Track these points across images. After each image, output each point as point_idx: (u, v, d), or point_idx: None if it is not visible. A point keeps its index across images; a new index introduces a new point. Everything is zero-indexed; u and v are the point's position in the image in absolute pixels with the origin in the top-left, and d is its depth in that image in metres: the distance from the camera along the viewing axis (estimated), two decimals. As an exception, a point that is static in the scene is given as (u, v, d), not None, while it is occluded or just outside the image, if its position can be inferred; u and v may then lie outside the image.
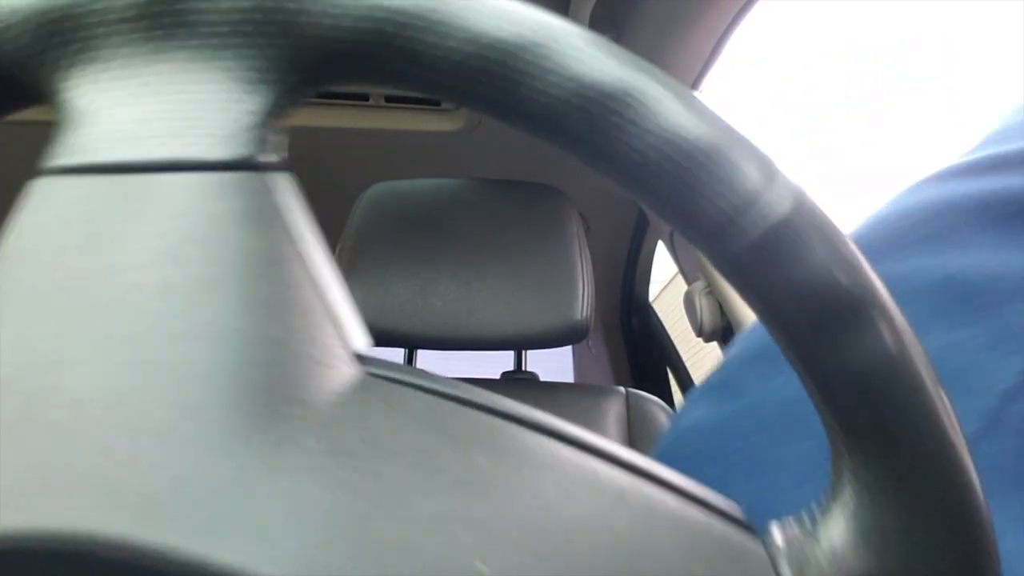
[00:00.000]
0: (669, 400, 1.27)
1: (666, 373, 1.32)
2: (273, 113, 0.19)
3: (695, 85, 0.90)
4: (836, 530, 0.20)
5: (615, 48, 0.19)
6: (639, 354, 1.33)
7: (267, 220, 0.19)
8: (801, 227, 0.18)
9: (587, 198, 1.13)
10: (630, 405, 0.91)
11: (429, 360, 0.71)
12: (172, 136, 0.18)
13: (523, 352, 1.04)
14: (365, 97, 0.95)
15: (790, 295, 0.18)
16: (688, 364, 1.31)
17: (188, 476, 0.15)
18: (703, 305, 1.05)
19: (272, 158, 0.19)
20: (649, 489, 0.20)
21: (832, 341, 0.18)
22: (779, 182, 0.19)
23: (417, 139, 0.66)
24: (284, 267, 0.18)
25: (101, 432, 0.15)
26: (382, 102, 0.97)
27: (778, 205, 0.18)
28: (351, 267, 0.81)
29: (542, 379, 1.01)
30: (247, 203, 0.18)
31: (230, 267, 0.18)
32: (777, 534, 0.20)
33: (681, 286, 1.17)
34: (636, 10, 0.84)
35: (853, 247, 0.19)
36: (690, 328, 1.11)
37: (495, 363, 1.18)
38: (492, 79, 0.18)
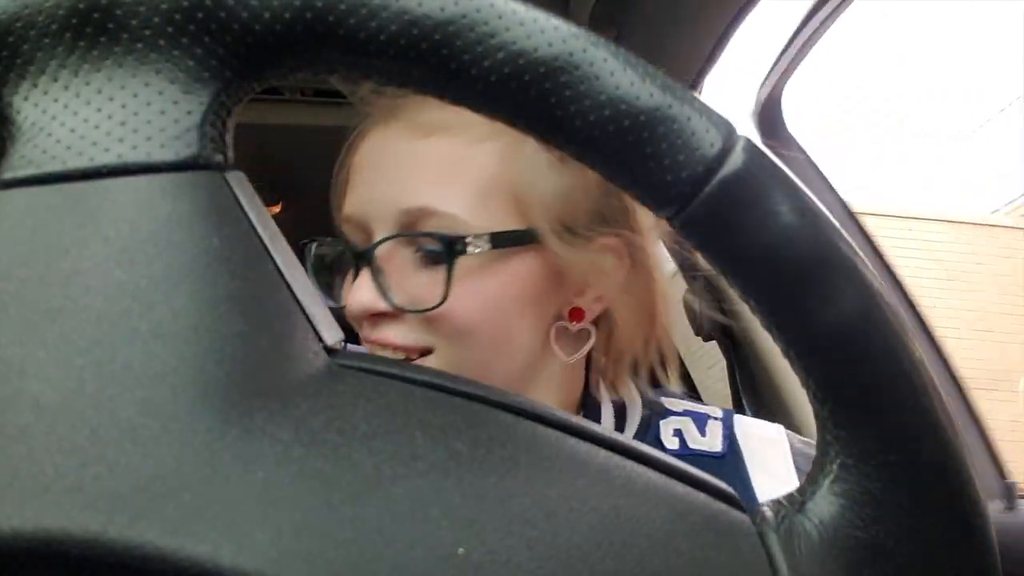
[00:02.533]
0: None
1: (666, 372, 1.32)
2: (213, 111, 0.19)
3: (695, 85, 0.89)
4: (824, 501, 0.20)
5: (555, 19, 0.18)
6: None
7: (221, 218, 0.19)
8: (757, 181, 0.18)
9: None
10: None
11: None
12: (114, 141, 0.18)
13: None
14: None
15: (753, 252, 0.19)
16: (689, 364, 1.31)
17: (156, 472, 0.15)
18: (702, 303, 1.05)
19: (218, 157, 0.19)
20: (631, 467, 0.20)
21: (802, 300, 0.19)
22: (733, 139, 0.19)
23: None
24: (244, 263, 0.18)
25: (66, 434, 0.15)
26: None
27: (732, 161, 0.18)
28: None
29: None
30: (196, 202, 0.18)
31: (186, 266, 0.18)
32: (765, 508, 0.20)
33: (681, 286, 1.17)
34: (636, 10, 0.84)
35: (816, 202, 0.19)
36: (689, 328, 1.11)
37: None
38: (424, 56, 0.18)
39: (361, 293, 0.45)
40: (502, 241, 0.46)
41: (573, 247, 0.48)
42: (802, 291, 0.19)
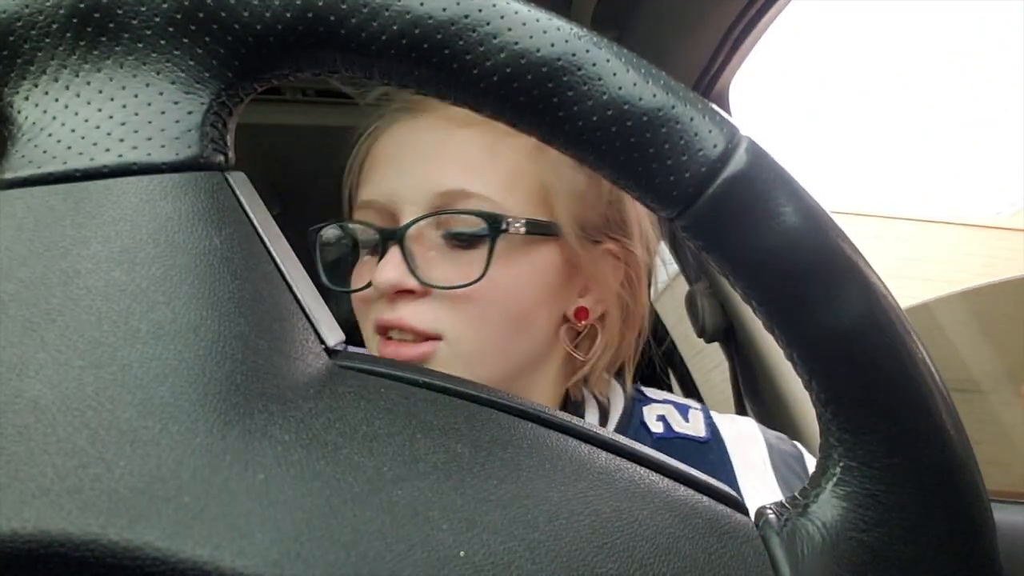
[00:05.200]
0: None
1: (668, 374, 1.31)
2: (214, 111, 0.19)
3: (698, 86, 0.89)
4: (827, 504, 0.20)
5: (558, 19, 0.18)
6: (641, 354, 1.33)
7: (221, 218, 0.19)
8: (760, 183, 0.18)
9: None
10: None
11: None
12: (115, 141, 0.18)
13: None
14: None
15: (755, 254, 0.18)
16: (689, 364, 1.31)
17: (156, 473, 0.15)
18: (705, 306, 1.05)
19: (219, 157, 0.19)
20: (634, 470, 0.20)
21: (804, 302, 0.18)
22: (736, 140, 0.19)
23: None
24: (245, 263, 0.18)
25: (66, 436, 0.15)
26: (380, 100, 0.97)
27: (735, 163, 0.18)
28: None
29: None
30: (197, 202, 0.18)
31: (186, 266, 0.18)
32: (769, 512, 0.20)
33: (683, 286, 1.17)
34: (638, 10, 0.84)
35: (818, 204, 0.19)
36: (691, 329, 1.11)
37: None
38: (426, 56, 0.18)
39: (389, 270, 0.46)
40: (535, 228, 0.48)
41: (584, 247, 0.50)
42: (805, 293, 0.18)
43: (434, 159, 0.48)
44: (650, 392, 0.59)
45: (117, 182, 0.18)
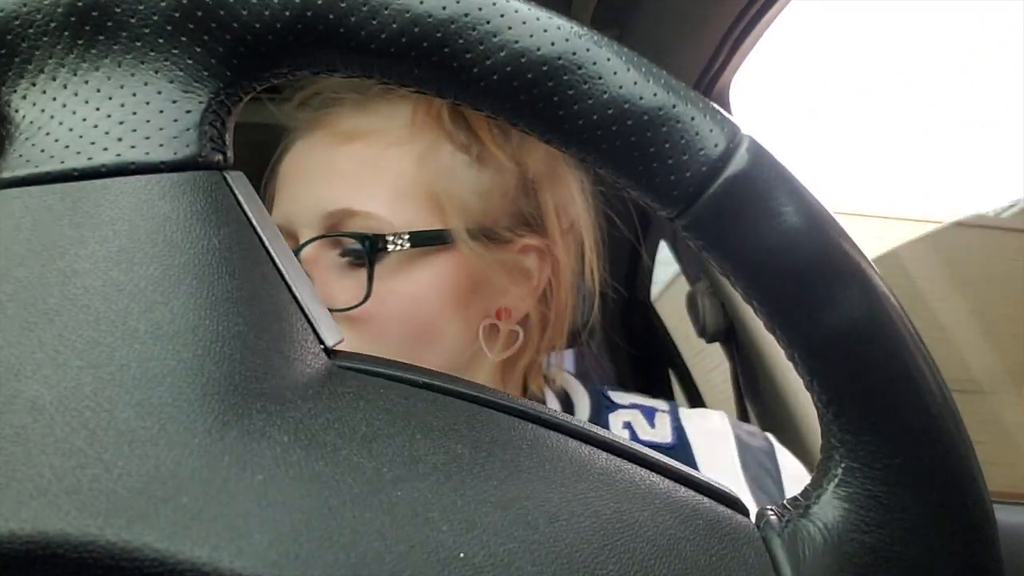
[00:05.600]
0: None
1: (668, 374, 1.31)
2: (213, 110, 0.19)
3: (699, 84, 0.89)
4: (829, 505, 0.20)
5: (558, 17, 0.18)
6: (641, 355, 1.33)
7: (220, 218, 0.19)
8: (761, 182, 0.18)
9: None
10: None
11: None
12: (113, 140, 0.18)
13: None
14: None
15: (756, 254, 0.18)
16: (690, 365, 1.30)
17: (154, 474, 0.15)
18: (706, 305, 1.05)
19: (217, 156, 0.19)
20: (634, 471, 0.20)
21: (806, 302, 0.18)
22: (738, 139, 0.18)
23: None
24: (244, 263, 0.18)
25: (63, 436, 0.15)
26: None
27: (736, 162, 0.18)
28: None
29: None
30: (196, 202, 0.18)
31: (185, 266, 0.17)
32: (770, 513, 0.20)
33: (683, 286, 1.17)
34: (639, 9, 0.84)
35: (820, 203, 0.19)
36: (692, 328, 1.11)
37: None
38: (426, 55, 0.18)
39: None
40: (421, 240, 0.47)
41: (490, 249, 0.49)
42: (806, 293, 0.18)
43: (321, 178, 0.48)
44: (617, 396, 0.58)
45: (115, 181, 0.18)
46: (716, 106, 0.19)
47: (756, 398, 0.99)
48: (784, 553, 0.19)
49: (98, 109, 0.18)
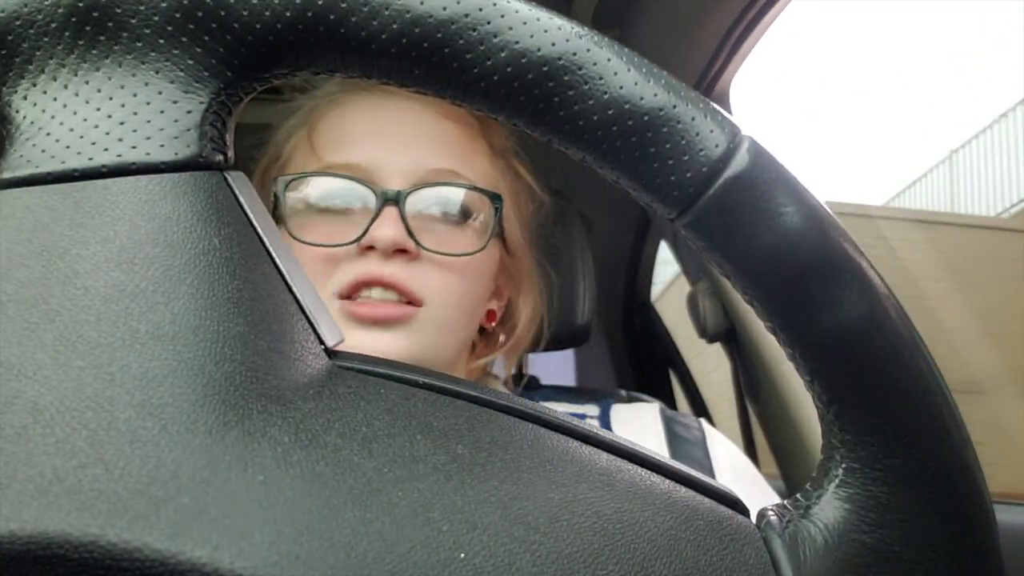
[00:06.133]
0: (671, 402, 1.27)
1: (668, 375, 1.31)
2: (214, 111, 0.19)
3: (699, 84, 0.89)
4: (829, 506, 0.20)
5: (559, 18, 0.18)
6: (641, 355, 1.33)
7: (221, 218, 0.19)
8: (762, 183, 0.18)
9: (588, 197, 1.12)
10: None
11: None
12: (113, 141, 0.18)
13: (524, 355, 1.04)
14: None
15: (757, 254, 0.18)
16: (690, 365, 1.30)
17: (155, 474, 0.15)
18: (706, 306, 1.05)
19: (218, 157, 0.19)
20: (635, 471, 0.20)
21: (806, 302, 0.18)
22: (738, 140, 0.18)
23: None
24: (244, 263, 0.18)
25: (65, 436, 0.15)
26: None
27: (737, 162, 0.18)
28: None
29: (543, 383, 1.00)
30: (196, 202, 0.18)
31: (185, 266, 0.17)
32: (770, 513, 0.20)
33: (683, 286, 1.17)
34: (639, 10, 0.84)
35: (821, 204, 0.19)
36: (692, 329, 1.11)
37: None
38: (426, 55, 0.18)
39: (389, 228, 0.47)
40: (500, 221, 0.52)
41: (508, 255, 0.56)
42: (807, 293, 0.18)
43: (423, 139, 0.51)
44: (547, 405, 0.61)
45: (116, 182, 0.18)
46: (717, 106, 0.19)
47: (756, 398, 0.99)
48: (785, 553, 0.19)
49: (99, 109, 0.18)
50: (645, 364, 1.35)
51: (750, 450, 1.06)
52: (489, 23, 0.18)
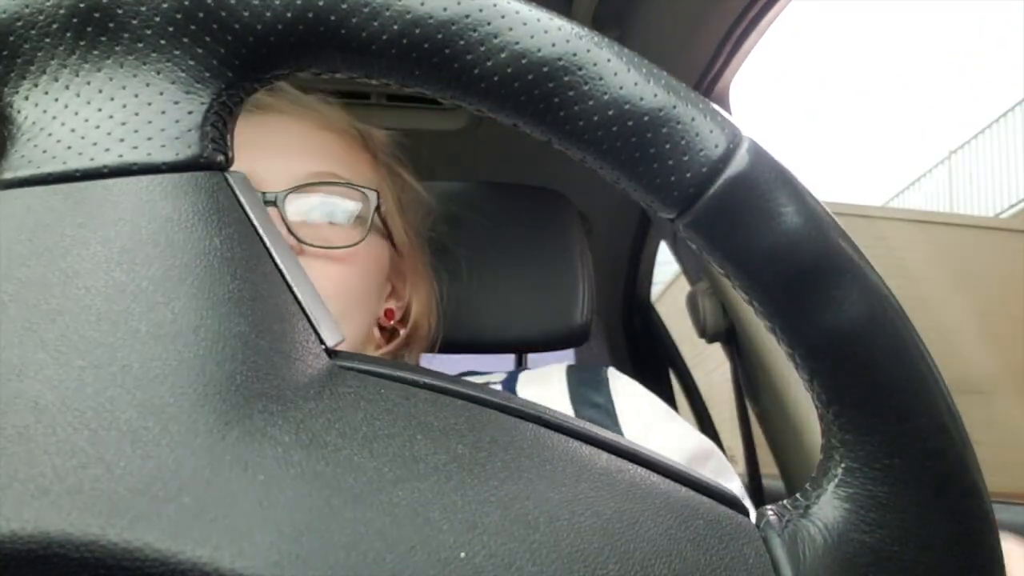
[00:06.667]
0: (671, 402, 1.27)
1: (668, 374, 1.31)
2: (215, 111, 0.19)
3: (698, 85, 0.89)
4: (829, 506, 0.20)
5: (559, 19, 0.18)
6: (641, 355, 1.33)
7: (222, 218, 0.19)
8: (761, 183, 0.18)
9: (588, 197, 1.12)
10: None
11: (429, 364, 0.71)
12: (115, 141, 0.18)
13: (524, 355, 1.04)
14: (366, 96, 0.95)
15: (757, 254, 0.18)
16: (690, 365, 1.31)
17: (156, 474, 0.15)
18: (706, 306, 1.05)
19: (219, 157, 0.19)
20: (635, 471, 0.20)
21: (806, 302, 0.18)
22: (738, 140, 0.19)
23: (417, 138, 0.67)
24: (245, 263, 0.18)
25: (66, 436, 0.15)
26: (383, 101, 0.97)
27: (736, 163, 0.18)
28: None
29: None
30: (198, 202, 0.18)
31: (186, 266, 0.18)
32: (770, 513, 0.20)
33: (683, 286, 1.17)
34: (639, 10, 0.84)
35: (820, 204, 0.19)
36: (692, 328, 1.11)
37: (497, 366, 1.18)
38: (427, 56, 0.18)
39: None
40: (383, 217, 0.56)
41: (401, 255, 0.60)
42: (806, 293, 0.18)
43: (303, 147, 0.55)
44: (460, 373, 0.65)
45: (117, 182, 0.18)
46: (716, 107, 0.19)
47: (756, 398, 0.99)
48: (784, 553, 0.19)
49: (100, 110, 0.18)
50: (645, 364, 1.35)
51: (750, 450, 1.06)
52: (490, 24, 0.18)
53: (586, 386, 0.59)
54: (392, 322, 0.61)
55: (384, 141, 0.61)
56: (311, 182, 0.53)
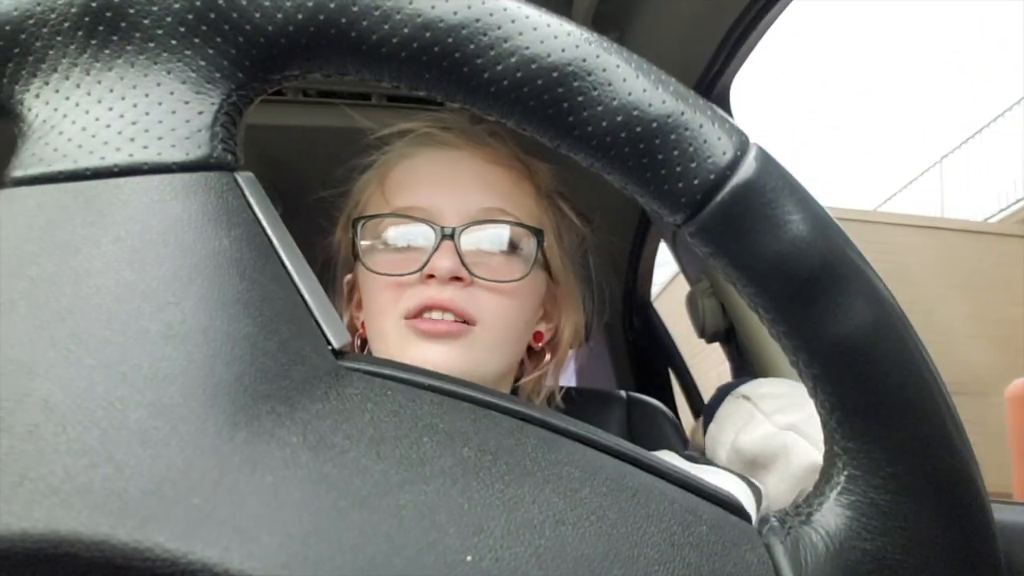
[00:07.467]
0: (671, 402, 1.27)
1: (668, 375, 1.31)
2: (225, 111, 0.19)
3: (698, 86, 0.89)
4: (831, 513, 0.20)
5: (568, 24, 0.19)
6: (641, 356, 1.33)
7: (231, 218, 0.19)
8: (768, 191, 0.18)
9: (588, 198, 1.12)
10: (631, 409, 0.90)
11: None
12: (125, 140, 0.18)
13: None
14: (367, 96, 0.94)
15: (763, 261, 0.18)
16: (689, 365, 1.30)
17: (165, 474, 0.15)
18: (705, 306, 1.05)
19: (229, 157, 0.19)
20: (640, 477, 0.20)
21: (811, 309, 0.18)
22: (745, 147, 0.19)
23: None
24: (254, 264, 0.18)
25: (76, 435, 0.15)
26: (384, 101, 0.97)
27: (744, 170, 0.18)
28: None
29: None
30: (207, 203, 0.18)
31: (196, 267, 0.18)
32: (773, 520, 0.20)
33: (683, 286, 1.17)
34: (639, 10, 0.84)
35: (826, 212, 0.19)
36: (691, 329, 1.11)
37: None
38: (436, 60, 0.18)
39: (446, 260, 0.55)
40: (544, 251, 0.59)
41: (554, 282, 0.63)
42: (811, 301, 0.18)
43: (474, 182, 0.59)
44: None
45: (128, 181, 0.18)
46: (724, 114, 0.19)
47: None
48: (787, 560, 0.19)
49: (111, 109, 0.18)
50: (645, 364, 1.35)
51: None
52: (499, 28, 0.18)
53: None
54: (540, 344, 0.65)
55: (547, 173, 0.65)
56: (481, 219, 0.57)
